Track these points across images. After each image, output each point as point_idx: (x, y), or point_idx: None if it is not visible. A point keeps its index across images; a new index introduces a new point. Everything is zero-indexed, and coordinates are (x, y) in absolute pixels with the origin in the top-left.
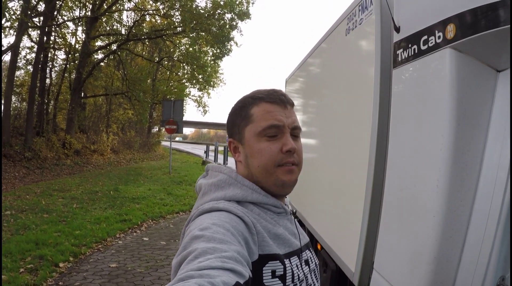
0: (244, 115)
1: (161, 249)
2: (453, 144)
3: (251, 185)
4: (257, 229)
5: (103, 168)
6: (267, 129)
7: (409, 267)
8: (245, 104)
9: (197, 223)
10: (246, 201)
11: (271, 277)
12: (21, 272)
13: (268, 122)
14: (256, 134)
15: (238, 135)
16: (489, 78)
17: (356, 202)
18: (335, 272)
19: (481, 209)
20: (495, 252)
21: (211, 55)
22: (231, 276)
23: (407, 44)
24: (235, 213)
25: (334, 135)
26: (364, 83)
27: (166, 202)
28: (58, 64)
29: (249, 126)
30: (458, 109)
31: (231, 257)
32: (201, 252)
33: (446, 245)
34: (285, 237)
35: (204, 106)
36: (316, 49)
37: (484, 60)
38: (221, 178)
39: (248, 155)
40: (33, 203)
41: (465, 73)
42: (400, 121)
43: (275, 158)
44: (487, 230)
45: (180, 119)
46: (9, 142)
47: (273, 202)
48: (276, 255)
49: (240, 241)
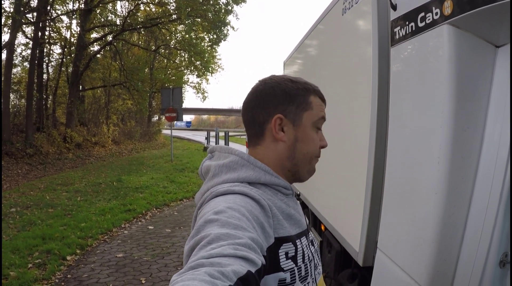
0: (304, 100)
1: (167, 236)
2: (453, 122)
3: (264, 167)
4: (272, 212)
5: (105, 159)
6: (320, 119)
7: (412, 245)
8: (307, 90)
9: (211, 205)
10: (259, 183)
11: (285, 259)
12: (29, 268)
13: (322, 114)
14: (313, 122)
15: (293, 115)
16: (488, 54)
17: (358, 182)
18: (340, 252)
19: (483, 186)
20: (498, 229)
21: (207, 41)
22: (243, 265)
23: (404, 22)
24: (251, 196)
25: (334, 116)
26: (362, 62)
27: (169, 190)
28: (54, 58)
29: (308, 112)
30: (457, 86)
31: (244, 244)
32: (214, 238)
33: (449, 223)
34: (297, 217)
35: (203, 93)
36: (313, 30)
37: (483, 36)
38: (233, 159)
39: (299, 139)
40: (37, 199)
41: (463, 49)
42: (400, 99)
43: (318, 150)
44: (489, 207)
45: (179, 106)
46: (10, 139)
47: (283, 184)
48: (289, 237)
49: (255, 226)
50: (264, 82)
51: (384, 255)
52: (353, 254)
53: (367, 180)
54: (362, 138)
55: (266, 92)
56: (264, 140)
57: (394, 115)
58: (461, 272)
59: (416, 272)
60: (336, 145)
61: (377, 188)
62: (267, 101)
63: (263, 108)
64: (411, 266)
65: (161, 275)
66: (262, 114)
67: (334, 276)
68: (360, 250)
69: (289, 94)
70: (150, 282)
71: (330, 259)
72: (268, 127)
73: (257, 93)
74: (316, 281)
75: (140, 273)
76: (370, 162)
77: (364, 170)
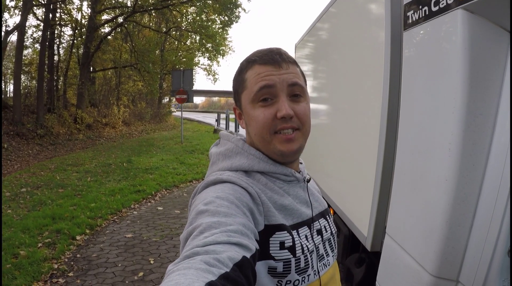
0: (240, 80)
1: (176, 217)
2: (465, 107)
3: (258, 154)
4: (261, 199)
5: (115, 140)
6: (258, 92)
7: (421, 231)
8: (241, 69)
9: (201, 197)
10: (253, 171)
11: (279, 249)
12: (39, 247)
13: (258, 85)
14: (251, 100)
15: (238, 102)
16: (501, 40)
17: (368, 167)
18: (348, 236)
19: (494, 173)
20: (507, 217)
21: (219, 23)
22: (237, 251)
23: (418, 6)
24: (239, 184)
25: (345, 100)
26: (375, 46)
27: (179, 172)
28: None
29: (244, 92)
30: (470, 71)
31: (236, 230)
32: (206, 227)
33: (458, 210)
34: (293, 208)
35: (214, 75)
36: (325, 14)
37: (497, 21)
38: (229, 147)
39: (247, 123)
40: (47, 179)
41: (477, 34)
42: (412, 84)
43: (270, 125)
44: (499, 195)
45: (190, 88)
46: (21, 120)
47: (282, 171)
48: (282, 225)
49: (245, 212)
50: None
51: (393, 241)
52: (361, 239)
53: (377, 165)
54: (373, 123)
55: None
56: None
57: (405, 100)
58: (469, 260)
59: (424, 259)
60: (346, 129)
61: (387, 173)
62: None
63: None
64: (420, 252)
65: (169, 255)
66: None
67: (342, 260)
68: (368, 235)
69: (233, 83)
70: (159, 263)
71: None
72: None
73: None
74: (319, 273)
75: (149, 254)
76: (380, 146)
77: (374, 155)
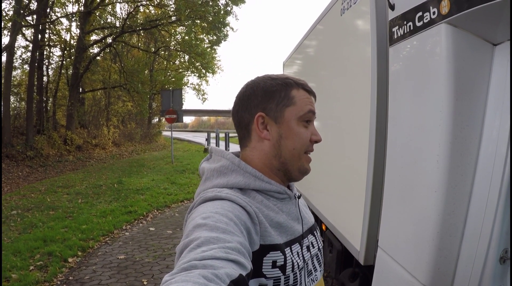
0: (285, 96)
1: (168, 238)
2: (452, 119)
3: (254, 172)
4: (259, 219)
5: (105, 161)
6: (307, 113)
7: (413, 243)
8: (287, 85)
9: (199, 211)
10: (249, 188)
11: (271, 267)
12: (31, 270)
13: (308, 107)
14: (298, 117)
15: (274, 113)
16: (485, 52)
17: (358, 182)
18: (341, 251)
19: (482, 183)
20: (497, 225)
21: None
22: (235, 268)
23: (403, 21)
24: (238, 203)
25: (333, 116)
26: (361, 62)
27: (170, 192)
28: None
29: (291, 107)
30: (455, 84)
31: (234, 248)
32: (204, 241)
33: (449, 220)
34: (287, 225)
35: (203, 94)
36: (312, 31)
37: (480, 34)
38: (224, 164)
39: (283, 136)
40: (38, 201)
41: (461, 48)
42: (399, 98)
43: (307, 144)
44: (488, 203)
45: (179, 108)
46: (11, 142)
47: (276, 189)
48: (277, 245)
49: (243, 231)
50: (246, 85)
51: (385, 254)
52: (354, 253)
53: (367, 179)
54: (361, 138)
55: (248, 93)
56: (251, 141)
57: (393, 114)
58: (461, 269)
59: (417, 270)
60: (336, 145)
61: (377, 187)
62: (249, 102)
63: (246, 110)
64: (412, 264)
65: (162, 276)
66: (246, 115)
67: (335, 275)
68: (361, 249)
69: (268, 92)
70: (152, 284)
71: (332, 259)
72: (253, 127)
73: (240, 96)
74: None
75: (142, 275)
76: (370, 161)
77: (364, 169)
